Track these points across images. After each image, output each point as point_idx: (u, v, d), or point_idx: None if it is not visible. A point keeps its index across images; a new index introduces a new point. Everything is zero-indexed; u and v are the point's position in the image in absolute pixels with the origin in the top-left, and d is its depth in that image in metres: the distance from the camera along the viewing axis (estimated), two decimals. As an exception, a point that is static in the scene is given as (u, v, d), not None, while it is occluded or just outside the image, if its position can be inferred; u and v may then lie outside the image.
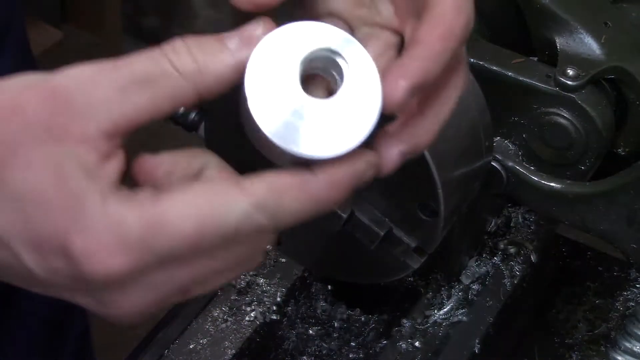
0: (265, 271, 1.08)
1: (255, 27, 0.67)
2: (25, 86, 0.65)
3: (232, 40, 0.66)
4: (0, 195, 0.63)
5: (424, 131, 0.71)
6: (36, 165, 0.63)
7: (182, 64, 0.65)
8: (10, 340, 1.31)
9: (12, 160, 0.63)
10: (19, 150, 0.63)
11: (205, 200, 0.64)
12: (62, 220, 0.62)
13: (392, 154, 0.69)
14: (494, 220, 1.11)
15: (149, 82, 0.64)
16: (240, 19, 0.71)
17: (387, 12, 0.75)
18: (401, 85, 0.66)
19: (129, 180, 0.67)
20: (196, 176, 0.67)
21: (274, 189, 0.65)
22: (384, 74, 0.67)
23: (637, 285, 1.12)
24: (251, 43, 0.66)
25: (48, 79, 0.64)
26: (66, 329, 1.40)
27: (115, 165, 0.65)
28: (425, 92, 0.70)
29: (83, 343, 1.46)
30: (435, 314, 1.05)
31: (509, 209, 1.12)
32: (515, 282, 1.07)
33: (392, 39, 0.74)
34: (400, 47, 0.73)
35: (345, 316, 1.08)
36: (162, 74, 0.64)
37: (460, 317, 1.04)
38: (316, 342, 1.06)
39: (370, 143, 0.68)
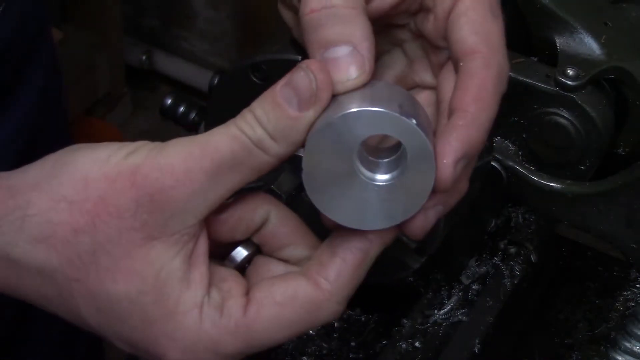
0: (265, 271, 1.08)
1: (308, 81, 0.68)
2: (117, 175, 0.67)
3: (291, 103, 0.68)
4: (101, 300, 0.66)
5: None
6: (134, 274, 0.66)
7: (261, 139, 0.67)
8: (30, 341, 1.31)
9: (113, 268, 0.66)
10: (118, 260, 0.66)
11: (293, 313, 0.68)
12: (162, 331, 0.67)
13: (422, 216, 0.71)
14: (494, 220, 1.11)
15: (238, 164, 0.68)
16: (241, 19, 0.71)
17: (424, 72, 0.78)
18: (447, 164, 0.67)
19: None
20: (260, 231, 0.73)
21: (349, 278, 0.70)
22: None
23: (637, 285, 1.12)
24: (309, 103, 0.68)
25: (140, 171, 0.67)
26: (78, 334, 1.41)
27: (203, 245, 0.69)
28: (475, 156, 0.71)
29: (94, 342, 1.46)
30: (435, 314, 1.05)
31: (509, 209, 1.12)
32: (515, 282, 1.07)
33: (432, 97, 0.76)
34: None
35: (345, 316, 1.08)
36: (248, 154, 0.67)
37: (460, 317, 1.04)
38: (316, 342, 1.06)
39: None
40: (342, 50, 0.69)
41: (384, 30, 0.77)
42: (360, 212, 0.69)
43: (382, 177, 0.69)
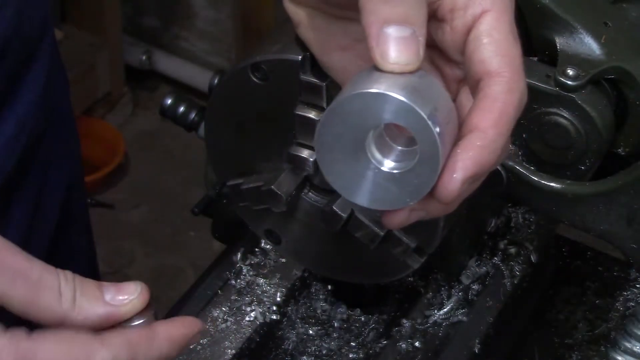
0: (265, 271, 1.08)
1: (131, 291, 0.74)
2: None
3: (109, 293, 0.73)
4: None
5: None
6: None
7: (65, 291, 0.72)
8: None
9: None
10: None
11: (72, 344, 0.70)
12: None
13: (402, 211, 0.72)
14: (494, 220, 1.11)
15: (38, 286, 0.71)
16: (240, 19, 0.72)
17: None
18: (455, 179, 0.67)
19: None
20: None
21: (129, 343, 0.72)
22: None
23: (637, 285, 1.12)
24: (121, 302, 0.74)
25: None
26: None
27: None
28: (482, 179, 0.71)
29: None
30: (435, 314, 1.05)
31: (509, 209, 1.12)
32: (515, 282, 1.07)
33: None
34: None
35: (345, 316, 1.08)
36: (50, 288, 0.71)
37: (460, 317, 1.04)
38: (316, 342, 1.06)
39: None
40: (403, 31, 0.68)
41: None
42: (355, 185, 0.70)
43: (387, 164, 0.70)
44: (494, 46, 0.71)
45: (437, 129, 0.66)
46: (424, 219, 0.73)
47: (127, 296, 0.74)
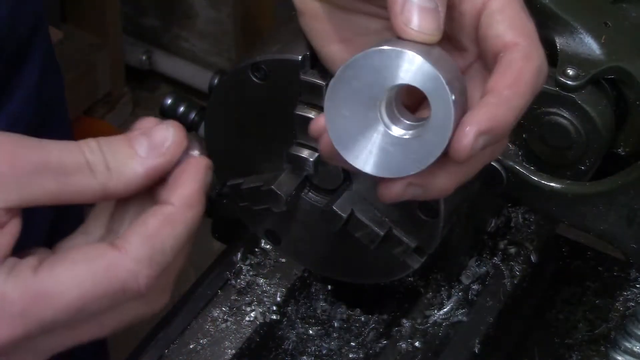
0: (265, 271, 1.08)
1: (164, 136, 0.69)
2: None
3: (142, 147, 0.69)
4: None
5: (443, 179, 0.72)
6: None
7: (95, 164, 0.67)
8: None
9: None
10: None
11: (85, 267, 0.65)
12: None
13: (399, 182, 0.71)
14: (494, 220, 1.11)
15: (62, 172, 0.66)
16: (240, 19, 0.72)
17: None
18: (468, 132, 0.67)
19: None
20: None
21: (148, 237, 0.67)
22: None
23: (637, 285, 1.12)
24: (159, 152, 0.69)
25: None
26: None
27: (9, 234, 0.67)
28: (499, 141, 0.70)
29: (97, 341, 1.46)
30: (435, 314, 1.05)
31: (509, 209, 1.12)
32: (515, 282, 1.07)
33: None
34: None
35: (345, 316, 1.08)
36: (76, 168, 0.67)
37: (460, 317, 1.04)
38: (316, 342, 1.06)
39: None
40: (429, 3, 0.69)
41: None
42: (359, 147, 0.70)
43: (397, 130, 0.70)
44: (508, 21, 0.71)
45: (453, 97, 0.67)
46: (420, 198, 0.72)
47: (163, 144, 0.69)
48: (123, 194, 0.69)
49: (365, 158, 0.70)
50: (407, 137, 0.69)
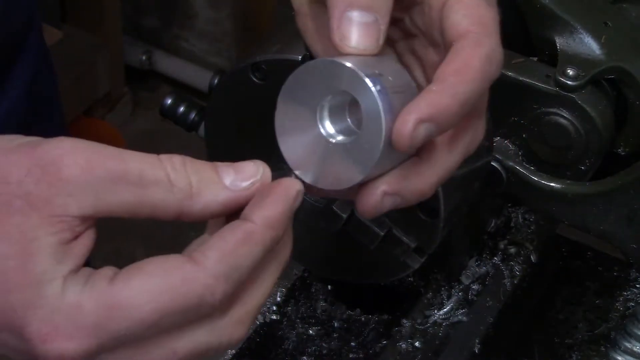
0: (265, 271, 1.08)
1: (253, 171, 0.68)
2: (16, 148, 0.64)
3: (228, 176, 0.67)
4: None
5: (416, 180, 0.70)
6: (4, 237, 0.63)
7: (177, 181, 0.65)
8: None
9: None
10: None
11: (161, 280, 0.64)
12: (20, 299, 0.63)
13: (374, 193, 0.69)
14: (494, 220, 1.11)
15: (141, 184, 0.64)
16: (240, 19, 0.72)
17: (416, 72, 0.77)
18: (408, 120, 0.65)
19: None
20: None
21: (226, 253, 0.65)
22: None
23: (637, 285, 1.12)
24: (244, 186, 0.67)
25: (42, 145, 0.64)
26: None
27: (83, 245, 0.65)
28: (445, 130, 0.69)
29: None
30: (435, 314, 1.05)
31: (509, 209, 1.12)
32: (515, 282, 1.07)
33: None
34: None
35: (345, 316, 1.08)
36: (155, 182, 0.65)
37: (460, 317, 1.04)
38: (316, 342, 1.06)
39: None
40: (366, 17, 0.69)
41: None
42: (308, 163, 0.70)
43: (337, 137, 0.69)
44: (464, 10, 0.70)
45: (377, 87, 0.66)
46: (401, 205, 0.71)
47: (250, 180, 0.67)
48: (197, 217, 0.67)
49: (315, 172, 0.70)
50: (348, 144, 0.69)
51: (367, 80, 0.66)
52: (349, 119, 0.70)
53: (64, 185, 0.63)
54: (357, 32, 0.69)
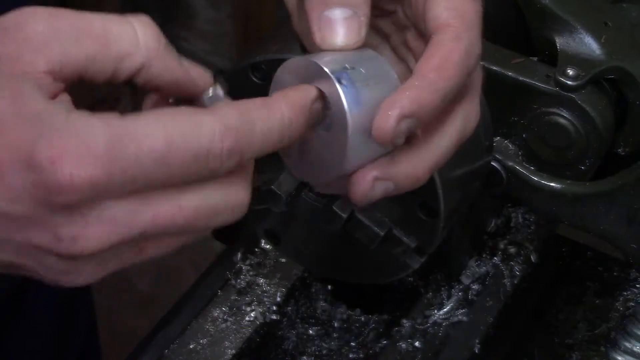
0: (265, 271, 1.08)
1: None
2: None
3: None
4: None
5: (407, 164, 0.71)
6: None
7: (144, 38, 0.65)
8: (18, 338, 1.31)
9: None
10: None
11: (174, 118, 0.62)
12: (25, 133, 0.60)
13: (365, 178, 0.70)
14: (494, 220, 1.11)
15: (105, 36, 0.64)
16: (240, 19, 0.72)
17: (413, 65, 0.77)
18: (389, 116, 0.66)
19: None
20: None
21: (245, 112, 0.64)
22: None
23: (637, 285, 1.12)
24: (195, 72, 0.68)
25: (3, 16, 0.63)
26: (73, 326, 1.41)
27: (66, 102, 0.64)
28: (425, 124, 0.69)
29: (90, 342, 1.46)
30: (435, 314, 1.05)
31: (509, 209, 1.12)
32: (515, 282, 1.07)
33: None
34: None
35: (345, 316, 1.08)
36: (120, 36, 0.64)
37: (460, 317, 1.04)
38: (316, 342, 1.06)
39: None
40: (344, 13, 0.69)
41: (372, 22, 0.77)
42: (296, 158, 0.72)
43: (320, 132, 0.70)
44: (445, 3, 0.71)
45: (343, 82, 0.68)
46: (395, 192, 0.72)
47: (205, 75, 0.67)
48: (155, 79, 0.66)
49: (302, 166, 0.72)
50: (324, 139, 0.70)
51: (331, 75, 0.68)
52: (328, 114, 0.71)
53: (30, 42, 0.62)
54: (337, 29, 0.70)
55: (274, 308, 1.05)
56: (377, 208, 0.92)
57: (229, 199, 0.65)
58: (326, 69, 0.68)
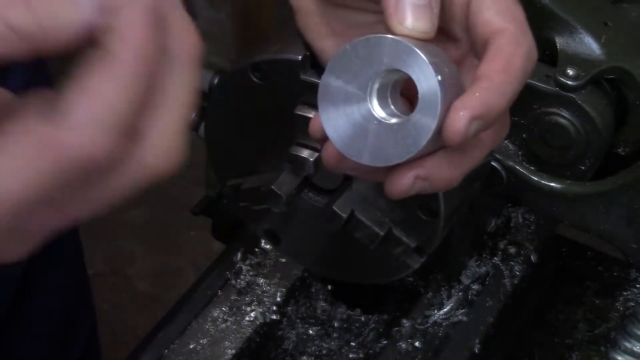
0: (265, 271, 1.08)
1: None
2: None
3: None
4: None
5: (447, 168, 0.71)
6: None
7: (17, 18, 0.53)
8: (19, 340, 1.31)
9: None
10: None
11: (15, 154, 0.53)
12: None
13: (407, 175, 0.70)
14: (494, 220, 1.11)
15: None
16: (240, 19, 0.72)
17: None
18: (462, 116, 0.66)
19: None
20: None
21: (86, 96, 0.54)
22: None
23: (637, 285, 1.12)
24: (107, 13, 0.54)
25: None
26: (74, 327, 1.41)
27: None
28: (491, 126, 0.70)
29: (91, 343, 1.46)
30: (435, 314, 1.05)
31: (509, 209, 1.12)
32: (515, 282, 1.07)
33: None
34: None
35: (345, 316, 1.08)
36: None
37: (460, 317, 1.04)
38: (316, 342, 1.06)
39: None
40: (418, 1, 0.70)
41: None
42: (354, 140, 0.70)
43: (387, 116, 0.70)
44: (496, 7, 0.71)
45: (439, 77, 0.67)
46: (428, 191, 0.72)
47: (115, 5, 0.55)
48: (52, 42, 0.54)
49: (361, 150, 0.70)
50: (398, 122, 0.69)
51: (432, 68, 0.67)
52: (396, 99, 0.71)
53: None
54: (414, 15, 0.70)
55: (274, 308, 1.05)
56: (377, 208, 0.93)
57: (146, 170, 0.58)
58: (427, 60, 0.67)
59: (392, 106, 0.71)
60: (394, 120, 0.69)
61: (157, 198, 2.79)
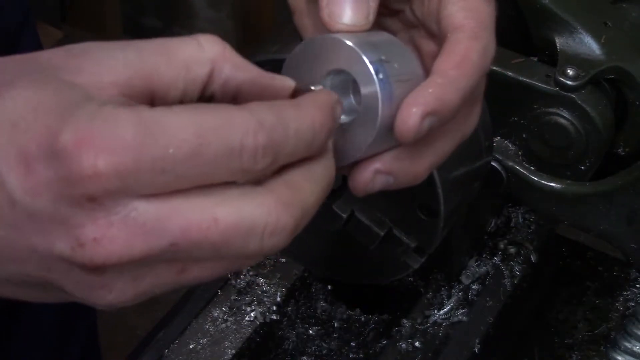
0: (265, 271, 1.08)
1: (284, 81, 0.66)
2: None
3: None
4: None
5: (408, 161, 0.71)
6: (31, 84, 0.58)
7: (206, 44, 0.63)
8: (20, 340, 1.31)
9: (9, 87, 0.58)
10: (15, 81, 0.58)
11: (206, 112, 0.58)
12: (51, 120, 0.56)
13: (367, 170, 0.70)
14: (494, 220, 1.11)
15: (165, 44, 0.61)
16: (240, 19, 0.72)
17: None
18: (414, 113, 0.66)
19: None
20: None
21: (277, 110, 0.60)
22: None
23: (637, 285, 1.12)
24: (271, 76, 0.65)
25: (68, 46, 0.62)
26: (74, 327, 1.41)
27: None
28: (446, 122, 0.69)
29: (90, 342, 1.46)
30: (435, 314, 1.05)
31: (509, 209, 1.12)
32: (515, 282, 1.07)
33: None
34: None
35: (345, 316, 1.08)
36: (184, 42, 0.62)
37: (460, 317, 1.04)
38: (316, 342, 1.06)
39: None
40: None
41: (377, 20, 0.77)
42: None
43: (341, 117, 0.69)
44: (462, 3, 0.71)
45: (380, 75, 0.67)
46: (394, 187, 0.71)
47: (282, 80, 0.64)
48: (233, 79, 0.62)
49: None
50: (347, 122, 0.69)
51: (371, 68, 0.67)
52: (351, 97, 0.70)
53: (93, 57, 0.60)
54: (345, 7, 0.69)
55: (274, 308, 1.05)
56: (377, 208, 0.93)
57: (271, 215, 0.60)
58: (365, 58, 0.66)
59: (349, 105, 0.70)
60: (344, 120, 0.69)
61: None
